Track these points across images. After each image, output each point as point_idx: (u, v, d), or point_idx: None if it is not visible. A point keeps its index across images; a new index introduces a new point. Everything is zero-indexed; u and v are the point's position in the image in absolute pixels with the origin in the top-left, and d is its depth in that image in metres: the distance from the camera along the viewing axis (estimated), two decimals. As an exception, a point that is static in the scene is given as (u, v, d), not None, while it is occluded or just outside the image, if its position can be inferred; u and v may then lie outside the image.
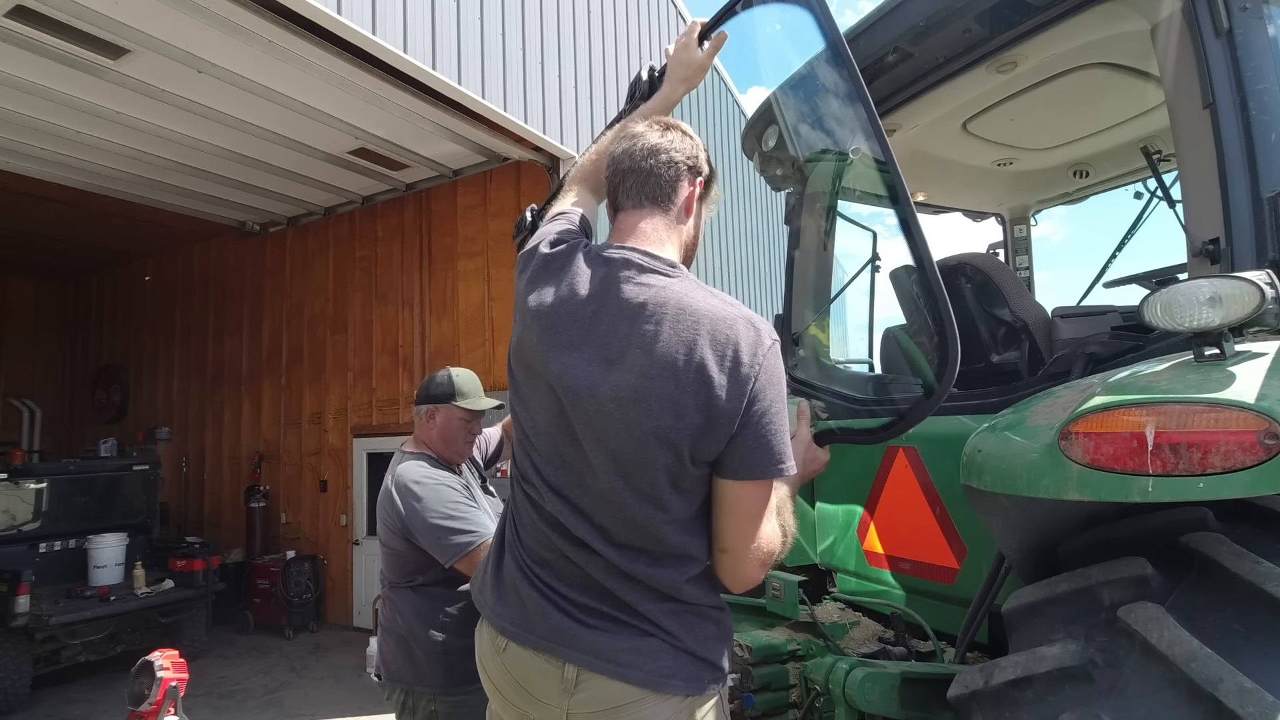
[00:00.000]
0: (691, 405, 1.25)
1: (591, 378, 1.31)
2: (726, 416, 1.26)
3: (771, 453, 1.28)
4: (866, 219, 3.04)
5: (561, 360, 1.34)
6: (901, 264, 2.76)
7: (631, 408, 1.27)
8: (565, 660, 1.31)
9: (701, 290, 1.36)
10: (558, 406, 1.35)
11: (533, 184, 7.82)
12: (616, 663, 1.28)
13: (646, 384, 1.27)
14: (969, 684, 1.35)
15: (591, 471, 1.31)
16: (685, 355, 1.26)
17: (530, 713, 1.37)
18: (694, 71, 1.75)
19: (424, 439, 2.62)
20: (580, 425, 1.32)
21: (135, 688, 3.96)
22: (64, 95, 6.18)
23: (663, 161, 1.44)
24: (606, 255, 1.40)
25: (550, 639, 1.33)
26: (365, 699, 6.52)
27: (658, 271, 1.37)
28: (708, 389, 1.25)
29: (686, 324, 1.28)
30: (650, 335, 1.29)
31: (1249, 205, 1.57)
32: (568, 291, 1.38)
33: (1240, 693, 1.02)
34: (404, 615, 2.41)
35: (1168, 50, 1.75)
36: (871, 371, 3.08)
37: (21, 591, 6.20)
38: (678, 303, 1.31)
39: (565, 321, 1.36)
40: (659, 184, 1.44)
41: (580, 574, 1.34)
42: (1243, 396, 1.16)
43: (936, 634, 2.07)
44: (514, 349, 1.47)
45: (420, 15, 5.46)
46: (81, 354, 12.84)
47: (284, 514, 9.58)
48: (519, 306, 1.48)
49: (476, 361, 8.15)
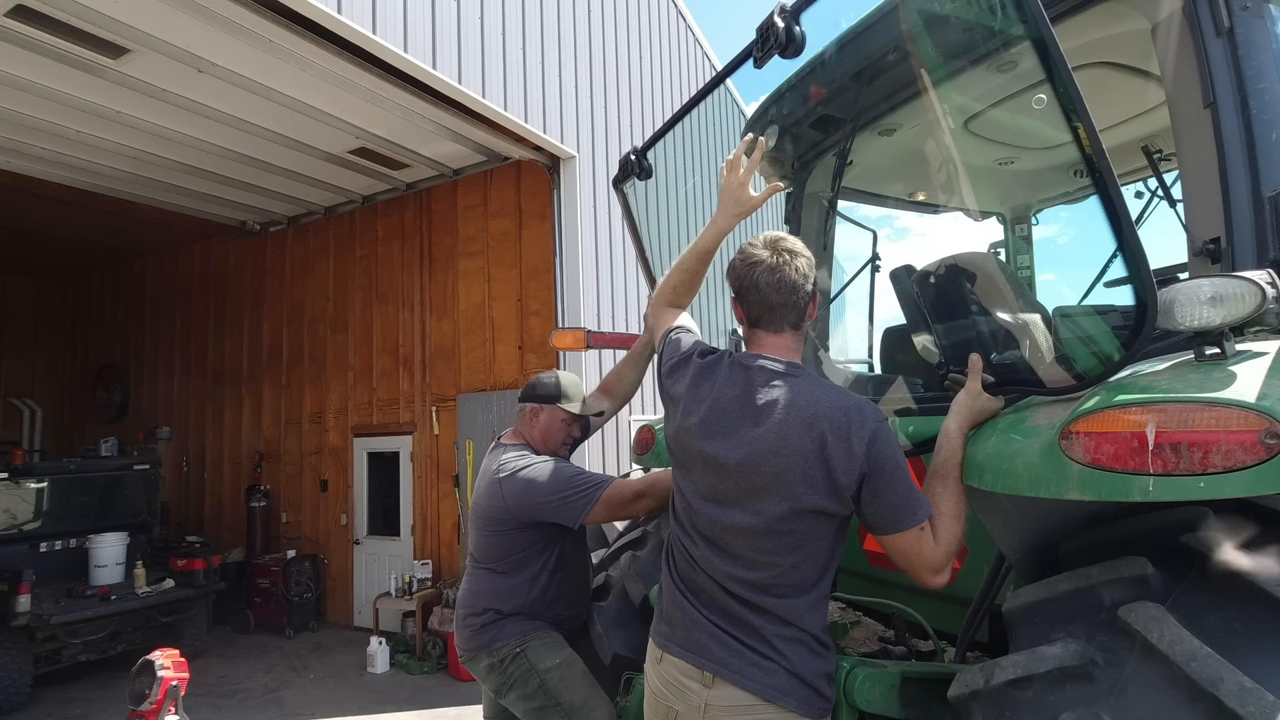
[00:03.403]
0: (818, 475, 1.57)
1: (739, 455, 1.64)
2: (845, 483, 1.56)
3: (902, 510, 1.57)
4: (870, 218, 3.04)
5: (716, 445, 1.70)
6: (901, 264, 2.75)
7: (772, 480, 1.60)
8: (702, 669, 1.65)
9: (820, 385, 1.71)
10: (711, 478, 1.70)
11: (533, 183, 7.82)
12: (741, 674, 1.61)
13: (781, 460, 1.59)
14: (969, 683, 1.35)
15: (734, 529, 1.64)
16: (811, 436, 1.58)
17: (675, 705, 1.69)
18: (747, 209, 1.98)
19: (525, 434, 2.72)
20: (730, 489, 1.66)
21: (136, 687, 3.96)
22: (64, 95, 6.18)
23: (800, 295, 1.77)
24: (747, 364, 1.76)
25: (692, 650, 1.68)
26: (366, 698, 6.53)
27: (789, 375, 1.70)
28: (828, 462, 1.56)
29: (811, 412, 1.61)
30: (781, 422, 1.62)
31: (1250, 204, 1.57)
32: (720, 392, 1.75)
33: (1240, 692, 1.02)
34: (484, 592, 2.56)
35: (1168, 49, 1.75)
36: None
37: (22, 591, 6.20)
38: (805, 397, 1.64)
39: (718, 415, 1.72)
40: (796, 312, 1.78)
41: (718, 603, 1.68)
42: (1243, 396, 1.16)
43: (937, 633, 2.07)
44: (672, 434, 1.84)
45: (420, 14, 5.46)
46: (82, 353, 12.84)
47: (284, 513, 9.59)
48: (678, 397, 1.85)
49: (476, 361, 8.16)
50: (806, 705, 1.58)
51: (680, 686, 1.68)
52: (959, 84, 2.43)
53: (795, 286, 1.75)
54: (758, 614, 1.62)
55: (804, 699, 1.58)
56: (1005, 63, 2.30)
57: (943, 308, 2.45)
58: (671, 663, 1.72)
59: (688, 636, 1.70)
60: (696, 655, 1.67)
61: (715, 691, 1.61)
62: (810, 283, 1.78)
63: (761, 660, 1.59)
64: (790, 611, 1.61)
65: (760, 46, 1.80)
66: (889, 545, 1.61)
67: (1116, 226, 1.31)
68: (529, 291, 7.82)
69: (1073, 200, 3.62)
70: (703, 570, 1.70)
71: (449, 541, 8.22)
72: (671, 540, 1.84)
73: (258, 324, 10.22)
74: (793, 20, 1.76)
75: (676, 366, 1.92)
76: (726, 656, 1.62)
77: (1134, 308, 1.31)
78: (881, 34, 2.31)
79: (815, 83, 2.63)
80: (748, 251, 1.79)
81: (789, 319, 1.77)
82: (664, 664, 1.75)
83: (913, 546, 1.57)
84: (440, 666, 7.19)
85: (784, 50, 1.78)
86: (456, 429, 8.21)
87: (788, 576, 1.61)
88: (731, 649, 1.62)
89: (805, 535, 1.60)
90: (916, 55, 2.28)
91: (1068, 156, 3.24)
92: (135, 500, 8.36)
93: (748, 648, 1.61)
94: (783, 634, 1.60)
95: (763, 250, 1.77)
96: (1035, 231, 3.75)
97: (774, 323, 1.78)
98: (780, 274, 1.74)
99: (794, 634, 1.61)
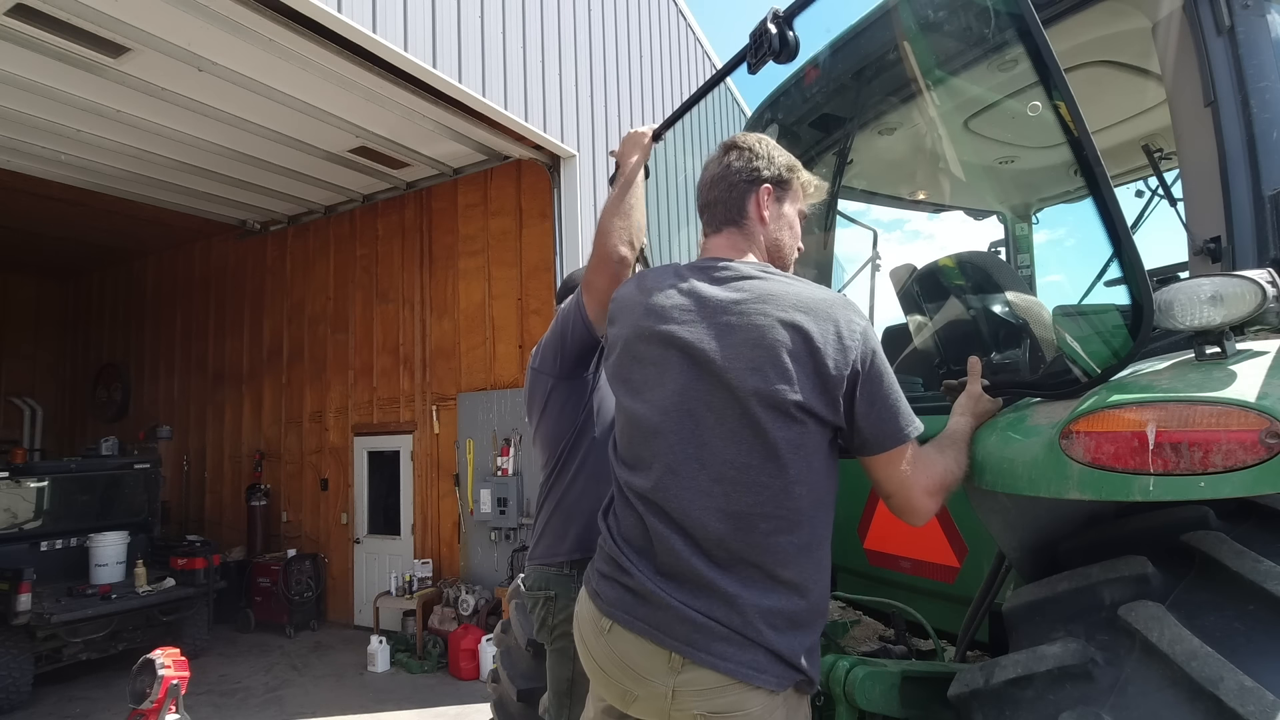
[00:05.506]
0: (805, 367, 1.39)
1: (710, 344, 1.45)
2: (835, 376, 1.39)
3: (897, 420, 1.42)
4: (869, 216, 3.04)
5: (684, 330, 1.49)
6: (903, 263, 2.75)
7: (749, 374, 1.40)
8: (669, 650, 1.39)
9: (793, 278, 1.54)
10: (679, 377, 1.47)
11: (533, 182, 7.82)
12: (713, 654, 1.37)
13: (760, 353, 1.40)
14: (969, 683, 1.35)
15: (707, 446, 1.42)
16: (792, 324, 1.40)
17: (634, 690, 1.46)
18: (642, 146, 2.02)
19: None
20: (702, 391, 1.44)
21: (137, 686, 3.97)
22: (65, 94, 6.18)
23: (723, 188, 1.63)
24: (699, 265, 1.60)
25: (652, 625, 1.42)
26: (366, 697, 6.53)
27: (744, 275, 1.52)
28: (815, 354, 1.39)
29: (790, 301, 1.44)
30: (756, 311, 1.44)
31: (1250, 204, 1.56)
32: (671, 288, 1.56)
33: (1241, 691, 1.01)
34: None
35: (1169, 48, 1.75)
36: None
37: (23, 590, 6.21)
38: (780, 286, 1.48)
39: (674, 311, 1.53)
40: (730, 208, 1.63)
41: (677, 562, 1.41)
42: (1244, 395, 1.16)
43: (937, 633, 2.07)
44: (624, 346, 1.60)
45: (420, 14, 5.46)
46: (83, 352, 12.85)
47: (285, 512, 9.59)
48: (617, 315, 1.66)
49: (476, 360, 8.16)
50: (784, 680, 1.39)
51: (637, 670, 1.43)
52: (958, 83, 2.43)
53: (719, 179, 1.64)
54: (732, 575, 1.37)
55: (783, 675, 1.38)
56: (1005, 61, 2.30)
57: (943, 307, 2.45)
58: (624, 636, 1.44)
59: (643, 607, 1.43)
60: (657, 632, 1.40)
61: (684, 676, 1.37)
62: (741, 175, 1.62)
63: (734, 635, 1.36)
64: (776, 556, 1.38)
65: (754, 52, 1.80)
66: (882, 464, 1.45)
67: (1111, 228, 1.30)
68: (529, 290, 7.82)
69: (1073, 199, 3.62)
70: (663, 513, 1.42)
71: (449, 540, 8.23)
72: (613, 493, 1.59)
73: (258, 323, 10.23)
74: (786, 26, 1.75)
75: (619, 292, 1.74)
76: (692, 634, 1.37)
77: (1130, 308, 1.30)
78: (882, 33, 2.30)
79: (815, 82, 2.63)
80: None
81: (721, 215, 1.64)
82: (614, 636, 1.46)
83: (908, 464, 1.44)
84: (440, 665, 7.20)
85: (778, 56, 1.77)
86: (457, 428, 8.22)
87: (777, 502, 1.38)
88: (698, 624, 1.37)
89: (795, 446, 1.39)
90: (915, 55, 2.28)
91: (1068, 155, 3.23)
92: (136, 499, 8.37)
93: (718, 622, 1.36)
94: (761, 605, 1.37)
95: (716, 152, 1.69)
96: (1035, 231, 3.75)
97: (711, 223, 1.67)
98: (709, 172, 1.67)
99: (776, 600, 1.38)
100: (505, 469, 7.67)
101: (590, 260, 2.02)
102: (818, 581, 1.45)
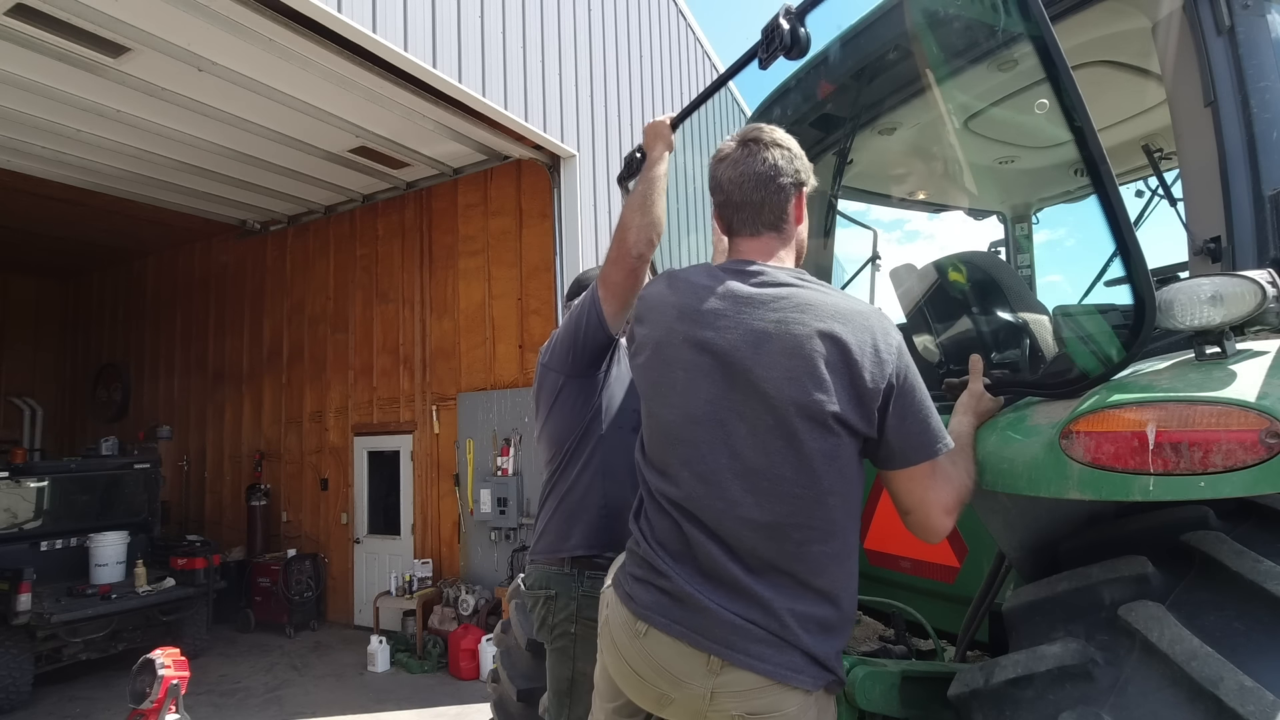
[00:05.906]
0: (841, 378, 1.37)
1: (743, 348, 1.42)
2: (872, 389, 1.37)
3: (928, 435, 1.41)
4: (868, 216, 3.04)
5: (709, 334, 1.45)
6: (903, 263, 2.75)
7: (785, 383, 1.38)
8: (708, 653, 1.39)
9: (828, 288, 1.52)
10: (712, 391, 1.44)
11: (533, 182, 7.82)
12: (752, 655, 1.37)
13: (796, 363, 1.38)
14: (969, 682, 1.34)
15: (739, 457, 1.40)
16: (829, 335, 1.38)
17: (670, 693, 1.45)
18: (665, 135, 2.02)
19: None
20: (737, 400, 1.41)
21: (137, 685, 3.97)
22: (65, 93, 6.18)
23: (770, 189, 1.56)
24: (733, 267, 1.54)
25: (689, 628, 1.41)
26: (366, 697, 6.53)
27: (780, 282, 1.48)
28: (851, 368, 1.37)
29: (827, 311, 1.41)
30: (792, 320, 1.41)
31: (1250, 203, 1.56)
32: (705, 291, 1.51)
33: (1241, 691, 1.01)
34: None
35: (1169, 48, 1.75)
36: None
37: (23, 590, 6.21)
38: (817, 296, 1.45)
39: (709, 316, 1.48)
40: (773, 212, 1.57)
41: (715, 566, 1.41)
42: (1244, 395, 1.15)
43: (937, 632, 2.07)
44: (654, 349, 1.55)
45: (420, 13, 5.46)
46: (82, 352, 12.85)
47: (285, 512, 9.59)
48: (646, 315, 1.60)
49: (476, 360, 8.16)
50: (818, 681, 1.41)
51: (673, 672, 1.43)
52: (960, 82, 2.43)
53: (763, 180, 1.55)
54: (765, 581, 1.38)
55: (817, 676, 1.40)
56: (1006, 61, 2.30)
57: (943, 307, 2.45)
58: (661, 640, 1.44)
59: (680, 610, 1.42)
60: (695, 635, 1.40)
61: (723, 678, 1.38)
62: (787, 176, 1.56)
63: (771, 638, 1.37)
64: (809, 565, 1.38)
65: (765, 48, 1.80)
66: (904, 478, 1.43)
67: (1115, 227, 1.30)
68: (529, 290, 7.82)
69: (1074, 199, 3.62)
70: (697, 521, 1.43)
71: (449, 540, 8.23)
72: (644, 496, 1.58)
73: (258, 323, 10.23)
74: (798, 22, 1.76)
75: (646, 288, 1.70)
76: (730, 636, 1.38)
77: (1133, 307, 1.30)
78: (883, 32, 2.31)
79: (816, 81, 2.63)
80: (720, 147, 1.61)
81: (763, 219, 1.56)
82: (649, 640, 1.45)
83: (932, 481, 1.43)
84: (440, 665, 7.20)
85: (789, 51, 1.78)
86: (457, 428, 8.22)
87: (809, 513, 1.38)
88: (736, 626, 1.38)
89: (829, 457, 1.38)
90: (919, 53, 2.28)
91: (1068, 155, 3.24)
92: (136, 499, 8.37)
93: (756, 625, 1.37)
94: (795, 609, 1.38)
95: (732, 143, 1.60)
96: (1035, 230, 3.74)
97: (747, 225, 1.58)
98: (743, 167, 1.56)
99: (809, 606, 1.39)
100: (505, 469, 7.68)
101: (608, 255, 1.99)
102: (848, 590, 1.46)
